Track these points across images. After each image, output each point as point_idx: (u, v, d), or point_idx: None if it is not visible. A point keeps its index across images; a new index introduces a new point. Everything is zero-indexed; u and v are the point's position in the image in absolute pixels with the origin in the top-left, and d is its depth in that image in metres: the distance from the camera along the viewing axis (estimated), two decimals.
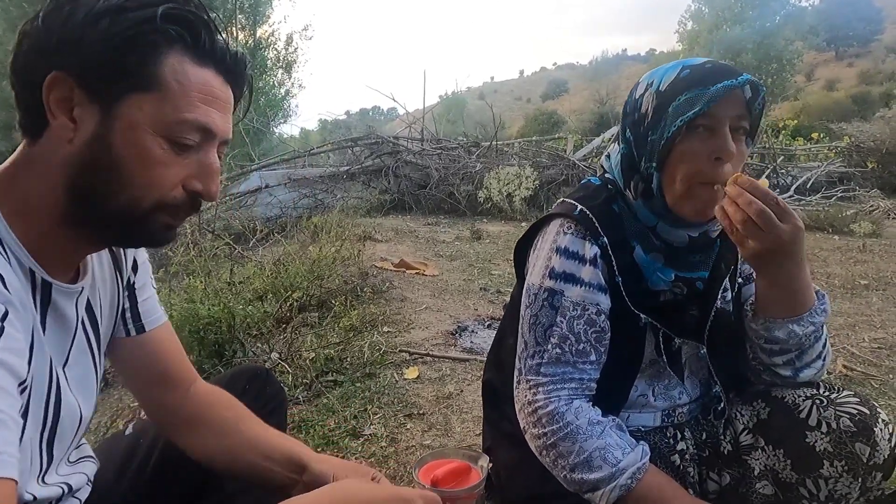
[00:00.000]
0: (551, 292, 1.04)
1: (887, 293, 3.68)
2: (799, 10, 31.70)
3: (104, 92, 0.64)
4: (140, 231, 0.72)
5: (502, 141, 10.79)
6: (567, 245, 1.04)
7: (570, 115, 39.95)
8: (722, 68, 0.98)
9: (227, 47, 0.71)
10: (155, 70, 0.65)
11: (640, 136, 1.03)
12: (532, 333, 1.05)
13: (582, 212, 1.05)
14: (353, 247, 4.02)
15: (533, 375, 1.04)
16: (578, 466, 0.98)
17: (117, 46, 0.63)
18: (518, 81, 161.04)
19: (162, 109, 0.66)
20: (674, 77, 0.99)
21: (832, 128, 15.21)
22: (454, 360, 2.49)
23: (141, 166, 0.66)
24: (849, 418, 0.96)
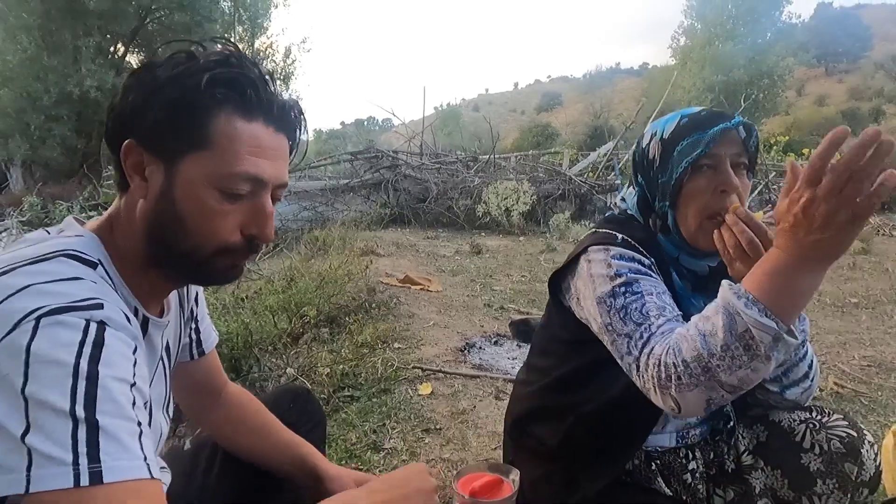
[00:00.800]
0: (627, 284, 1.03)
1: (876, 311, 3.82)
2: (789, 27, 32.11)
3: (166, 153, 0.74)
4: (206, 272, 0.81)
5: (499, 155, 10.95)
6: (622, 253, 1.08)
7: (564, 128, 40.30)
8: (716, 114, 1.10)
9: (274, 99, 0.77)
10: (207, 130, 0.72)
11: (651, 179, 1.15)
12: (630, 323, 1.00)
13: (625, 239, 1.11)
14: (359, 262, 4.13)
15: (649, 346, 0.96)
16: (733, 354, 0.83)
17: (174, 112, 0.72)
18: (512, 93, 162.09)
19: (214, 165, 0.73)
20: (675, 126, 1.11)
21: None
22: (465, 376, 2.59)
23: (200, 217, 0.75)
24: (839, 441, 1.08)
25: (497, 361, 2.86)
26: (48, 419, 0.57)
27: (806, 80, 71.88)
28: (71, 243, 0.73)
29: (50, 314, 0.61)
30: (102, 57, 13.44)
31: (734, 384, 0.84)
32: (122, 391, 0.63)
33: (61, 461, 0.56)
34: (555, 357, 1.26)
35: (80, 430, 0.57)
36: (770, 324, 0.80)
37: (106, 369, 0.61)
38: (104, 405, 0.60)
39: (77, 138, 13.38)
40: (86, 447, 0.57)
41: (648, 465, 1.20)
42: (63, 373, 0.58)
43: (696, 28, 31.48)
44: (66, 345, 0.60)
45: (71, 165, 13.35)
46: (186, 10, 13.73)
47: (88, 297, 0.65)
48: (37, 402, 0.57)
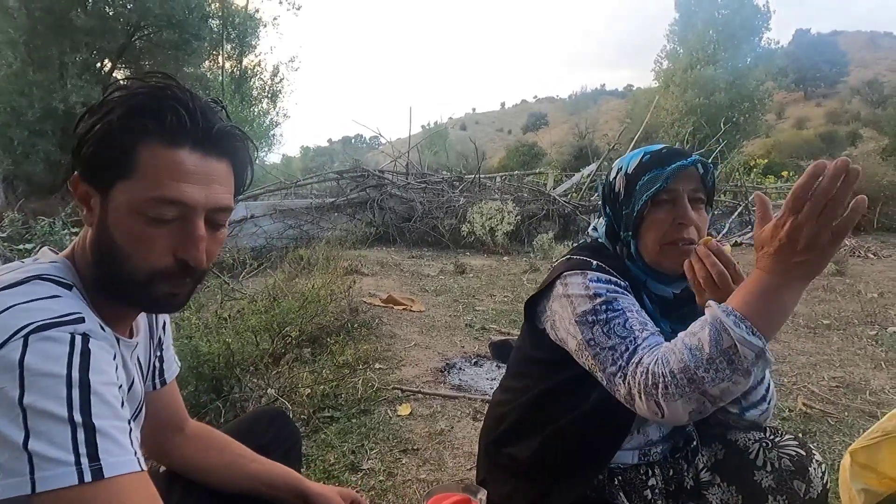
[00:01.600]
0: (607, 302, 1.08)
1: (847, 333, 3.92)
2: (769, 52, 32.87)
3: (101, 183, 0.78)
4: (146, 299, 0.82)
5: (484, 175, 11.06)
6: (599, 276, 1.13)
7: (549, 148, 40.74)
8: (676, 152, 1.19)
9: (204, 125, 0.78)
10: (131, 158, 0.75)
11: (616, 210, 1.23)
12: (615, 338, 1.04)
13: (599, 265, 1.17)
14: (343, 281, 4.16)
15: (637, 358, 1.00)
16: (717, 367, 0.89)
17: (102, 144, 0.76)
18: (499, 113, 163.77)
19: (137, 191, 0.76)
20: (638, 162, 1.20)
21: (802, 165, 15.83)
22: (444, 397, 2.63)
23: (130, 243, 0.77)
24: (788, 459, 1.15)
25: (476, 382, 2.90)
26: (48, 426, 0.62)
27: (786, 104, 73.52)
28: (45, 268, 0.78)
29: (37, 330, 0.66)
30: (89, 73, 13.42)
31: (716, 395, 0.90)
32: (112, 394, 0.69)
33: (64, 462, 0.62)
34: (529, 378, 1.31)
35: (79, 433, 0.63)
36: (756, 341, 0.86)
37: (95, 376, 0.67)
38: (98, 408, 0.66)
39: (61, 154, 13.27)
40: (85, 448, 0.63)
41: (612, 481, 1.25)
42: (57, 383, 0.64)
43: (678, 52, 32.13)
44: (57, 357, 0.66)
45: (54, 181, 13.23)
46: (175, 28, 13.78)
47: (70, 311, 0.71)
48: (35, 412, 0.62)
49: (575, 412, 1.19)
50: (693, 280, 1.09)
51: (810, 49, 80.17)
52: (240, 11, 20.39)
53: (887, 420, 1.64)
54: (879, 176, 11.16)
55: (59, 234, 5.70)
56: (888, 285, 5.63)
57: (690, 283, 1.10)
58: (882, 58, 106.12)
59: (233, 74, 20.77)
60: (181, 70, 15.31)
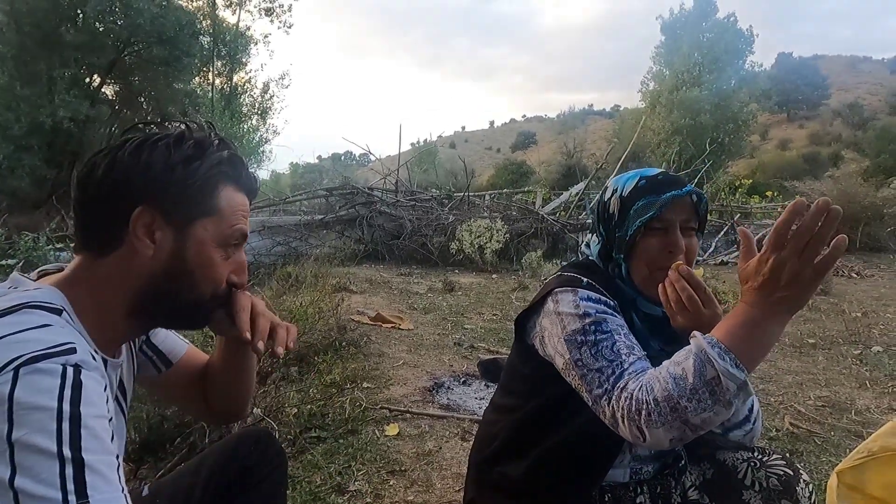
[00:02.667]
0: (596, 323, 1.10)
1: (832, 352, 3.95)
2: (752, 75, 33.49)
3: (180, 219, 0.86)
4: (199, 316, 0.94)
5: (474, 193, 11.12)
6: (589, 295, 1.16)
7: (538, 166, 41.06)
8: (671, 180, 1.21)
9: (252, 174, 0.96)
10: (215, 201, 0.88)
11: (610, 231, 1.26)
12: (601, 360, 1.06)
13: (589, 282, 1.20)
14: (331, 299, 4.14)
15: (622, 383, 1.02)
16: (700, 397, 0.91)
17: (192, 188, 0.86)
18: (488, 132, 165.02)
19: (220, 227, 0.89)
20: (633, 186, 1.23)
21: (786, 185, 16.09)
22: (433, 416, 2.60)
23: (206, 270, 0.89)
24: (776, 478, 1.15)
25: (465, 402, 2.88)
26: (35, 462, 0.61)
27: (769, 125, 74.86)
28: (32, 295, 0.78)
29: (28, 363, 0.65)
30: (77, 88, 13.38)
31: (697, 424, 0.93)
32: (102, 427, 0.68)
33: (51, 499, 0.60)
34: (518, 396, 1.32)
35: (68, 469, 0.62)
36: (739, 374, 0.90)
37: (87, 409, 0.67)
38: (88, 443, 0.65)
39: (47, 168, 13.20)
40: (73, 484, 0.62)
41: (602, 498, 1.25)
42: (47, 416, 0.63)
43: (664, 74, 32.67)
44: (47, 390, 0.65)
45: (39, 196, 13.10)
46: (165, 45, 13.81)
47: (61, 342, 0.70)
48: (23, 447, 0.61)
49: (566, 430, 1.20)
50: (666, 304, 1.13)
51: (792, 72, 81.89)
52: (231, 29, 20.54)
53: (872, 440, 1.65)
54: (861, 197, 11.36)
55: (43, 249, 5.63)
56: (871, 304, 5.71)
57: (664, 306, 1.14)
58: (862, 81, 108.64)
59: (223, 91, 20.85)
60: (171, 86, 15.33)
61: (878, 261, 9.41)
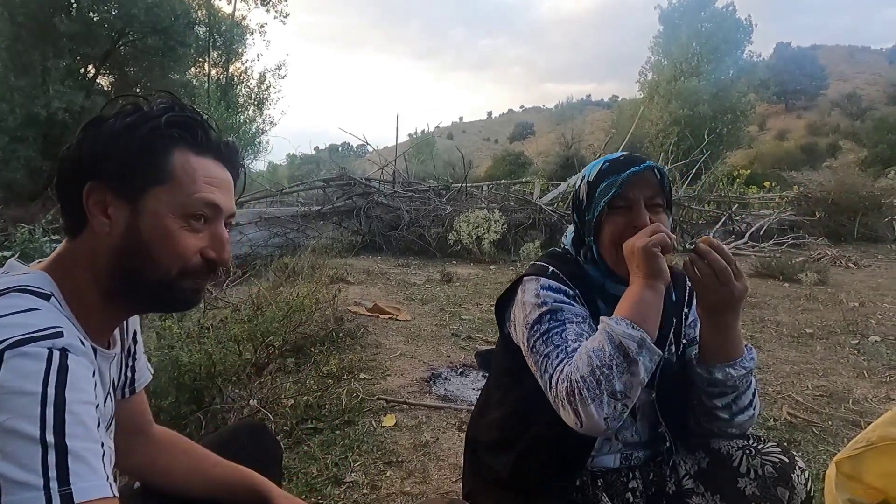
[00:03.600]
0: (552, 312, 1.16)
1: (830, 342, 3.95)
2: (751, 65, 33.41)
3: (130, 190, 0.80)
4: (172, 296, 0.86)
5: (471, 183, 11.08)
6: (549, 285, 1.21)
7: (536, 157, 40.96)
8: (631, 159, 1.23)
9: (219, 139, 0.88)
10: (167, 166, 0.81)
11: (581, 216, 1.28)
12: (551, 344, 1.13)
13: (553, 272, 1.24)
14: (328, 290, 4.12)
15: (561, 366, 1.09)
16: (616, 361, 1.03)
17: (135, 154, 0.80)
18: (486, 122, 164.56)
19: (176, 195, 0.82)
20: (598, 169, 1.26)
21: (784, 176, 16.08)
22: (430, 407, 2.60)
23: (165, 243, 0.82)
24: (771, 466, 1.15)
25: (462, 392, 2.87)
26: (18, 447, 0.60)
27: (767, 116, 74.71)
28: (21, 279, 0.76)
29: (13, 346, 0.64)
30: (72, 79, 13.30)
31: (622, 390, 1.03)
32: (88, 413, 0.67)
33: (32, 486, 0.59)
34: (501, 389, 1.35)
35: (50, 455, 0.61)
36: (636, 333, 1.04)
37: (72, 394, 0.65)
38: (72, 429, 0.63)
39: (42, 160, 13.12)
40: (55, 471, 0.60)
41: (595, 483, 1.26)
42: (31, 401, 0.62)
43: (662, 64, 32.60)
44: (32, 374, 0.63)
45: (34, 187, 13.05)
46: (160, 35, 13.72)
47: (48, 326, 0.69)
48: (6, 432, 0.60)
49: (545, 420, 1.19)
50: (695, 279, 1.12)
51: (791, 62, 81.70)
52: (226, 19, 20.36)
53: (871, 430, 1.64)
54: (859, 187, 11.36)
55: (40, 241, 5.60)
56: (869, 294, 5.71)
57: (693, 283, 1.14)
58: (860, 72, 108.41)
59: (219, 82, 20.70)
60: (166, 77, 15.23)
61: (875, 251, 9.42)
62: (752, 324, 4.43)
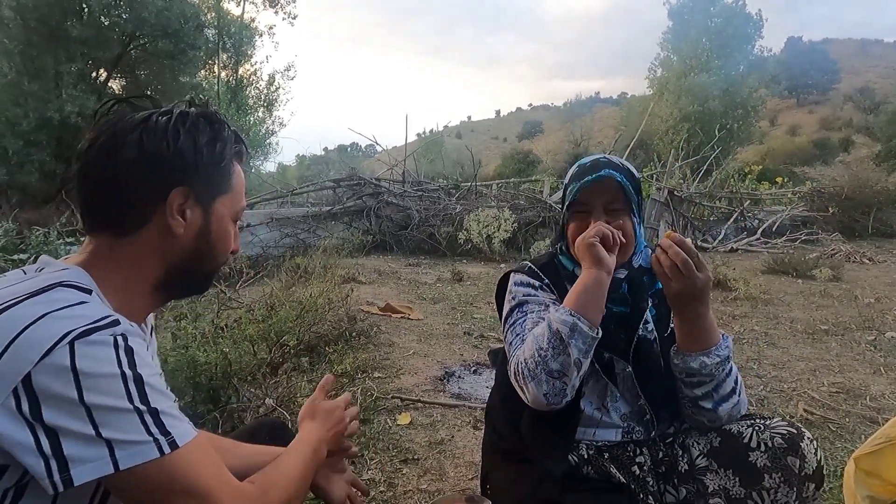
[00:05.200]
0: (518, 304, 1.35)
1: (845, 338, 3.92)
2: (761, 60, 33.11)
3: (208, 198, 0.91)
4: (209, 283, 1.01)
5: (481, 182, 11.08)
6: (520, 280, 1.39)
7: (545, 155, 40.86)
8: (593, 165, 1.34)
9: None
10: (230, 178, 0.94)
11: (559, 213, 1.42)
12: (513, 334, 1.31)
13: (530, 267, 1.42)
14: (340, 290, 4.14)
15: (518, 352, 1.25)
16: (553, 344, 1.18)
17: (218, 167, 0.91)
18: (495, 121, 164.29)
19: (234, 203, 0.96)
20: (570, 172, 1.40)
21: (796, 171, 15.94)
22: (444, 406, 2.61)
23: (224, 244, 0.96)
24: (780, 437, 1.19)
25: (476, 390, 2.88)
26: (116, 418, 0.71)
27: (778, 111, 74.00)
28: (62, 275, 0.80)
29: (80, 336, 0.71)
30: (84, 82, 13.41)
31: (557, 368, 1.16)
32: (159, 382, 0.79)
33: (142, 441, 0.72)
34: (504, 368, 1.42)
35: (147, 417, 0.73)
36: (568, 318, 1.17)
37: (144, 369, 0.76)
38: (153, 395, 0.75)
39: (56, 163, 13.24)
40: (156, 427, 0.74)
41: (601, 456, 1.31)
42: (114, 381, 0.72)
43: (672, 60, 32.34)
44: (107, 359, 0.72)
45: (49, 191, 13.18)
46: (170, 38, 13.80)
47: (102, 315, 0.76)
48: (100, 408, 0.70)
49: None
50: (660, 272, 1.20)
51: (802, 57, 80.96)
52: (235, 21, 20.47)
53: (891, 426, 1.63)
54: (873, 182, 11.25)
55: (54, 244, 5.67)
56: (884, 290, 5.65)
57: (658, 276, 1.21)
58: (873, 65, 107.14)
59: (228, 83, 20.83)
60: (177, 79, 15.34)
61: (890, 246, 9.31)
62: (766, 320, 4.40)
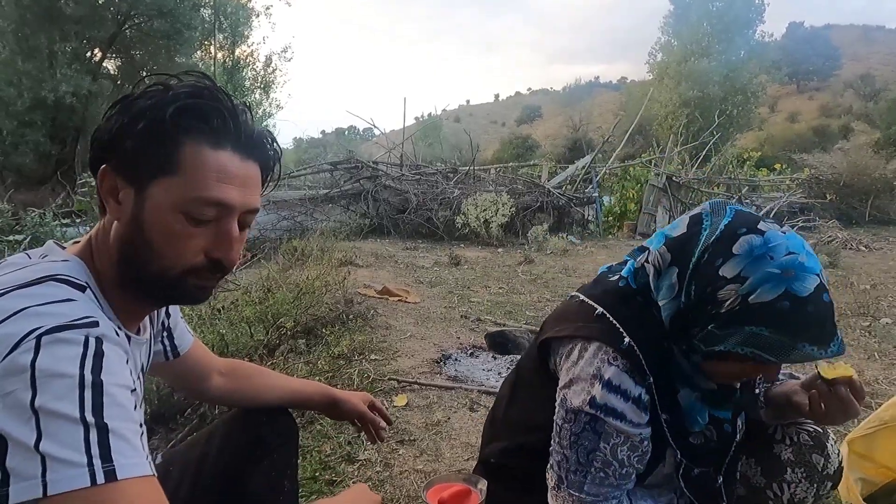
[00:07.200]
0: (594, 419, 1.00)
1: (841, 324, 3.91)
2: (762, 46, 32.86)
3: (137, 179, 0.77)
4: (175, 293, 0.83)
5: (479, 167, 11.04)
6: (611, 378, 0.99)
7: (544, 140, 40.73)
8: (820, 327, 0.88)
9: (244, 128, 0.81)
10: (175, 157, 0.76)
11: (702, 312, 0.95)
12: (574, 451, 1.03)
13: (630, 346, 1.00)
14: (337, 273, 4.14)
15: (576, 491, 1.04)
16: None
17: (145, 140, 0.76)
18: (493, 105, 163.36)
19: (182, 190, 0.76)
20: (769, 300, 0.87)
21: (794, 158, 15.90)
22: (440, 388, 2.62)
23: (166, 240, 0.78)
24: (807, 434, 1.18)
25: (472, 373, 2.89)
26: (60, 427, 0.61)
27: (778, 97, 73.68)
28: (58, 268, 0.76)
29: (49, 332, 0.64)
30: (79, 62, 13.24)
31: None
32: (125, 396, 0.68)
33: (77, 464, 0.60)
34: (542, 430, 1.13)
35: (92, 434, 0.62)
36: None
37: (108, 377, 0.66)
38: (110, 409, 0.64)
39: (51, 144, 13.14)
40: (98, 448, 0.62)
41: None
42: (70, 384, 0.63)
43: (672, 45, 32.12)
44: (70, 358, 0.64)
45: (44, 172, 13.09)
46: (166, 18, 13.62)
47: (84, 315, 0.69)
48: (47, 413, 0.61)
49: None
50: (820, 415, 1.08)
51: (803, 42, 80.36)
52: (232, 1, 20.19)
53: (884, 410, 1.65)
54: (871, 169, 11.23)
55: (50, 225, 5.64)
56: (880, 277, 5.67)
57: (818, 417, 1.09)
58: (875, 52, 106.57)
59: (225, 65, 20.59)
60: (173, 60, 15.17)
61: (887, 233, 9.33)
62: None
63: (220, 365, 1.27)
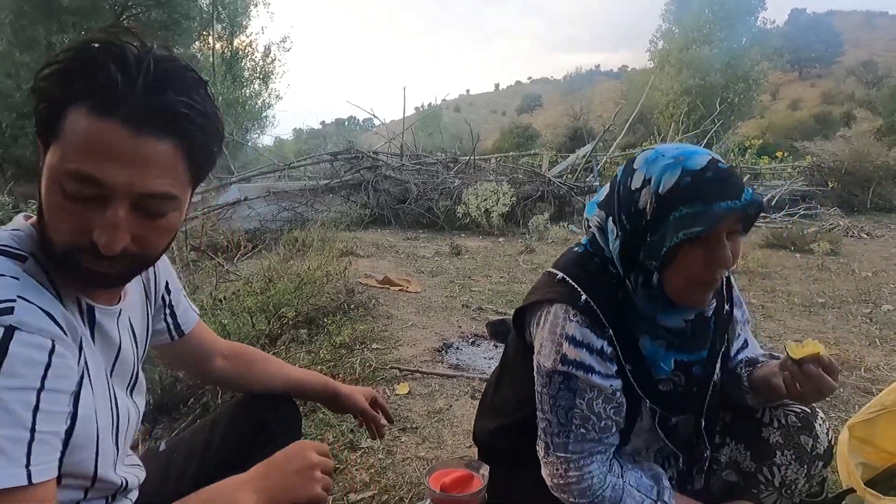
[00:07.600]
0: (566, 376, 1.06)
1: (842, 311, 3.94)
2: (764, 33, 32.65)
3: (44, 142, 0.71)
4: (73, 272, 0.73)
5: (479, 156, 11.00)
6: (573, 334, 1.06)
7: (544, 129, 40.59)
8: (722, 179, 0.98)
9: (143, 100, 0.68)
10: (60, 122, 0.68)
11: (637, 231, 1.05)
12: (554, 414, 1.09)
13: (587, 302, 1.07)
14: (339, 263, 4.14)
15: (562, 452, 1.09)
16: None
17: (37, 101, 0.70)
18: (493, 94, 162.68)
19: (57, 159, 0.68)
20: (673, 182, 0.99)
21: (796, 146, 15.84)
22: (442, 376, 2.63)
23: (49, 211, 0.70)
24: (795, 416, 1.19)
25: (474, 361, 2.90)
26: None
27: (780, 85, 73.22)
28: (2, 237, 0.72)
29: None
30: None
31: None
32: (20, 400, 0.61)
33: None
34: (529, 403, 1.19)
35: None
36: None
37: (3, 380, 0.60)
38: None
39: None
40: None
41: None
42: None
43: (673, 32, 31.90)
44: None
45: None
46: (164, 8, 13.59)
47: (1, 298, 0.64)
48: None
49: None
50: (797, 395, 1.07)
51: (806, 29, 79.82)
52: None
53: (886, 395, 1.65)
54: (873, 156, 11.18)
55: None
56: (881, 264, 5.67)
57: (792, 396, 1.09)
58: (878, 38, 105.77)
59: (224, 55, 20.55)
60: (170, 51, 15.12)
61: (888, 221, 9.30)
62: (763, 294, 4.42)
63: (224, 347, 1.27)
